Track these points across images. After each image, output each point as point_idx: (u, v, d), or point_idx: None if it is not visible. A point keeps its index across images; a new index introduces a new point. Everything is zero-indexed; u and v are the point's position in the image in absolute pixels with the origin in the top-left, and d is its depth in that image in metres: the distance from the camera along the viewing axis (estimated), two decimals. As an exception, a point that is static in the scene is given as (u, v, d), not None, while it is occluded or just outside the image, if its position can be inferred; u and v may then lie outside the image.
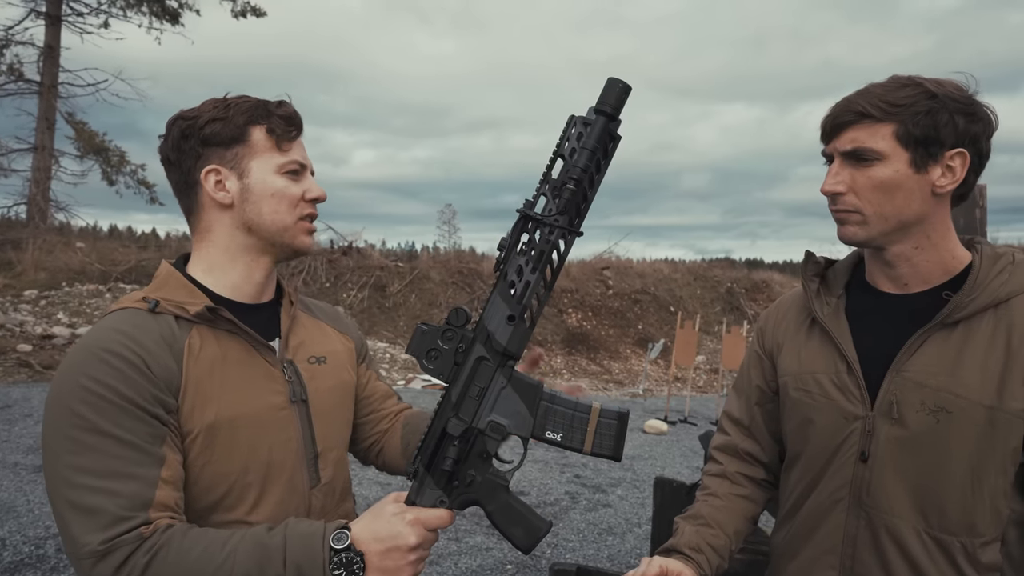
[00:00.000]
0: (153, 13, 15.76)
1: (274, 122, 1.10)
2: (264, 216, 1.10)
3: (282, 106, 1.12)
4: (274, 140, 1.10)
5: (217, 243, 1.12)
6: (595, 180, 1.00)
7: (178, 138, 1.09)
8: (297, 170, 1.13)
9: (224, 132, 1.08)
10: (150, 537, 0.91)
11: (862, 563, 1.16)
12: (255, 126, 1.10)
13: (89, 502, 0.91)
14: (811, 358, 1.26)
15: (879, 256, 1.19)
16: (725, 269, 19.10)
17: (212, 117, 1.08)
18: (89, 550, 0.89)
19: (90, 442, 0.93)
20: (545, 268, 1.00)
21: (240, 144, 1.09)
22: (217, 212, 1.11)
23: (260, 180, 1.10)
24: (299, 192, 1.12)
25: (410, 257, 16.70)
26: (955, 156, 1.09)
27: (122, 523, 0.90)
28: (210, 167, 1.09)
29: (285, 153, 1.11)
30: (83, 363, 0.97)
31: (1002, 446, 1.07)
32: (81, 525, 0.91)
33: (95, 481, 0.92)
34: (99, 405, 0.94)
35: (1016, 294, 1.10)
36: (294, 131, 1.13)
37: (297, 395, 1.14)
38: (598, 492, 5.53)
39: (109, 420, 0.94)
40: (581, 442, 1.03)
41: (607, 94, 0.99)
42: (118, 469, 0.93)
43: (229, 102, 1.10)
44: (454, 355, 1.02)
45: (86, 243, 13.90)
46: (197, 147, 1.09)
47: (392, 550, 0.95)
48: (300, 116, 1.15)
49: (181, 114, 1.11)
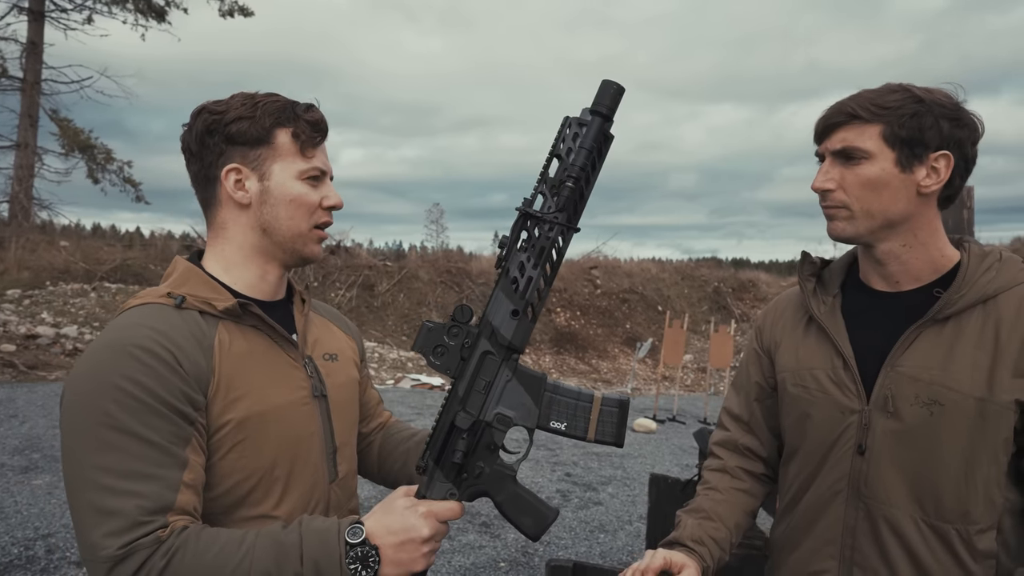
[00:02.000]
0: (139, 10, 15.63)
1: (301, 127, 1.09)
2: (281, 220, 1.10)
3: (310, 110, 1.11)
4: (299, 145, 1.09)
5: (232, 241, 1.12)
6: (591, 178, 1.03)
7: (202, 131, 1.08)
8: (318, 176, 1.12)
9: (250, 132, 1.07)
10: (167, 540, 0.90)
11: (861, 553, 1.19)
12: (281, 128, 1.08)
13: (110, 504, 0.89)
14: (808, 355, 1.29)
15: (870, 254, 1.23)
16: (712, 269, 19.24)
17: (239, 115, 1.07)
18: (107, 554, 0.88)
19: (116, 441, 0.91)
20: (546, 263, 1.02)
21: (264, 146, 1.08)
22: (234, 211, 1.10)
23: (280, 184, 1.09)
24: (317, 199, 1.12)
25: (398, 256, 16.69)
26: (939, 158, 1.14)
27: (141, 527, 0.89)
28: (232, 165, 1.08)
29: (308, 159, 1.10)
30: (112, 360, 0.95)
31: (993, 436, 1.11)
32: (100, 528, 0.89)
33: (118, 482, 0.90)
34: (129, 404, 0.92)
35: (1003, 290, 1.15)
36: (319, 137, 1.12)
37: (318, 390, 1.15)
38: (589, 490, 5.56)
39: (138, 419, 0.92)
40: (585, 430, 1.06)
41: (602, 95, 1.02)
42: (141, 470, 0.92)
43: (258, 100, 1.09)
44: (460, 351, 1.03)
45: (70, 242, 13.76)
46: (221, 143, 1.07)
47: (406, 543, 0.96)
48: (326, 121, 1.13)
49: (207, 107, 1.09)
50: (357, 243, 16.38)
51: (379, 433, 1.39)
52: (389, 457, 1.35)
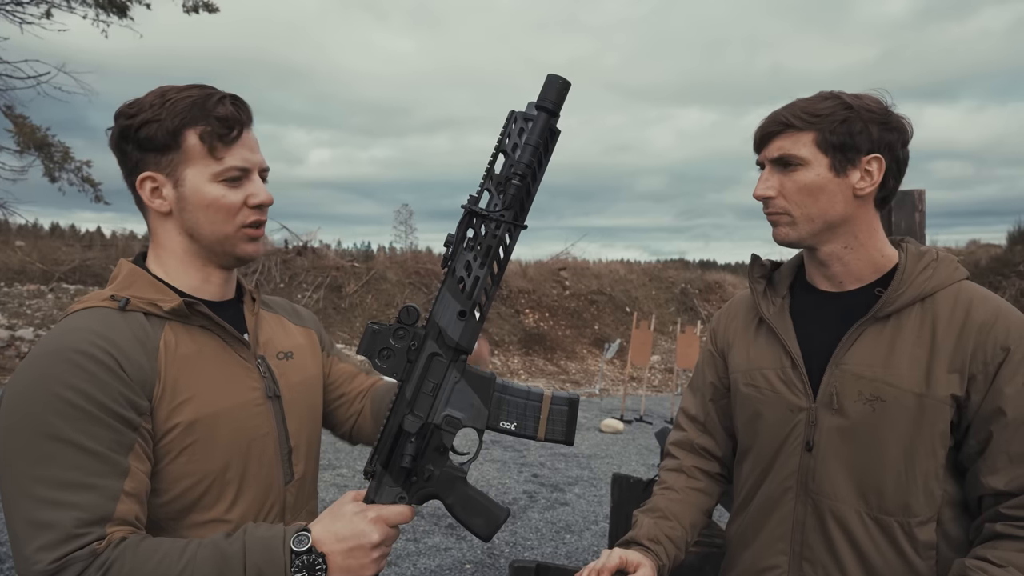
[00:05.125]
0: (99, 5, 15.24)
1: (209, 124, 1.02)
2: (203, 225, 1.06)
3: (221, 104, 1.04)
4: (207, 147, 1.03)
5: (165, 247, 1.09)
6: (538, 175, 1.01)
7: (118, 138, 1.04)
8: (237, 176, 1.06)
9: (157, 137, 1.02)
10: (103, 552, 0.87)
11: (810, 547, 1.23)
12: (189, 129, 1.02)
13: (44, 517, 0.87)
14: (759, 355, 1.33)
15: (814, 256, 1.28)
16: (679, 270, 19.42)
17: (147, 119, 1.01)
18: (39, 569, 0.85)
19: (53, 451, 0.88)
20: (493, 262, 1.01)
21: (174, 151, 1.03)
22: (159, 218, 1.08)
23: (194, 190, 1.04)
24: (239, 199, 1.06)
25: (366, 257, 16.52)
26: (871, 161, 1.19)
27: (75, 540, 0.86)
28: (145, 174, 1.04)
29: (220, 161, 1.04)
30: (51, 366, 0.92)
31: (930, 430, 1.15)
32: (33, 542, 0.86)
33: (53, 493, 0.87)
34: (68, 412, 0.90)
35: (939, 288, 1.19)
36: (232, 133, 1.04)
37: (271, 390, 1.13)
38: (556, 491, 5.58)
39: (77, 427, 0.89)
40: (535, 430, 1.06)
41: (547, 90, 1.00)
42: (79, 480, 0.89)
43: (168, 98, 1.03)
44: (407, 353, 1.02)
45: (26, 242, 13.37)
46: (134, 151, 1.04)
47: (355, 549, 0.94)
48: (243, 113, 1.06)
49: (122, 109, 1.04)
50: (325, 244, 16.18)
51: (367, 399, 1.36)
52: (381, 418, 1.31)
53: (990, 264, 12.11)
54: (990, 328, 1.14)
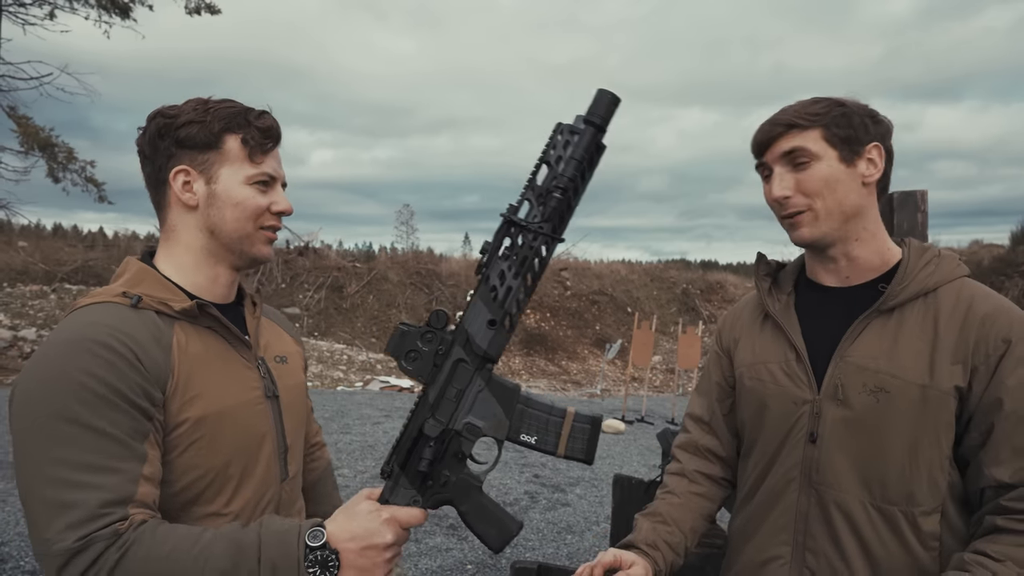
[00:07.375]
0: (102, 6, 15.27)
1: (251, 133, 1.11)
2: (227, 222, 1.12)
3: (262, 117, 1.13)
4: (247, 151, 1.11)
5: (182, 243, 1.14)
6: (580, 189, 1.01)
7: (154, 134, 1.10)
8: (266, 181, 1.14)
9: (199, 136, 1.09)
10: (124, 533, 0.89)
11: (813, 537, 1.24)
12: (231, 134, 1.11)
13: (69, 497, 0.89)
14: (764, 349, 1.35)
15: (823, 254, 1.29)
16: (681, 270, 19.45)
17: (190, 119, 1.09)
18: (63, 547, 0.87)
19: (75, 435, 0.91)
20: (527, 274, 1.00)
21: (213, 150, 1.10)
22: (183, 213, 1.12)
23: (227, 188, 1.11)
24: (265, 203, 1.14)
25: (368, 258, 16.55)
26: (873, 149, 1.24)
27: (100, 519, 0.89)
28: (180, 167, 1.10)
29: (257, 165, 1.12)
30: (72, 356, 0.94)
31: (934, 421, 1.16)
32: (58, 521, 0.88)
33: (77, 475, 0.90)
34: (88, 398, 0.92)
35: (942, 284, 1.22)
36: (270, 144, 1.14)
37: (270, 391, 1.17)
38: (557, 491, 5.58)
39: (97, 413, 0.92)
40: (555, 445, 1.05)
41: (597, 105, 0.99)
42: (101, 463, 0.91)
43: (210, 106, 1.11)
44: (433, 357, 1.02)
45: (29, 242, 13.42)
46: (171, 146, 1.10)
47: (368, 548, 0.95)
48: (279, 128, 1.15)
49: (161, 110, 1.12)
50: (326, 244, 16.23)
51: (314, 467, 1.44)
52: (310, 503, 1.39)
53: (993, 264, 12.11)
54: (992, 321, 1.16)
